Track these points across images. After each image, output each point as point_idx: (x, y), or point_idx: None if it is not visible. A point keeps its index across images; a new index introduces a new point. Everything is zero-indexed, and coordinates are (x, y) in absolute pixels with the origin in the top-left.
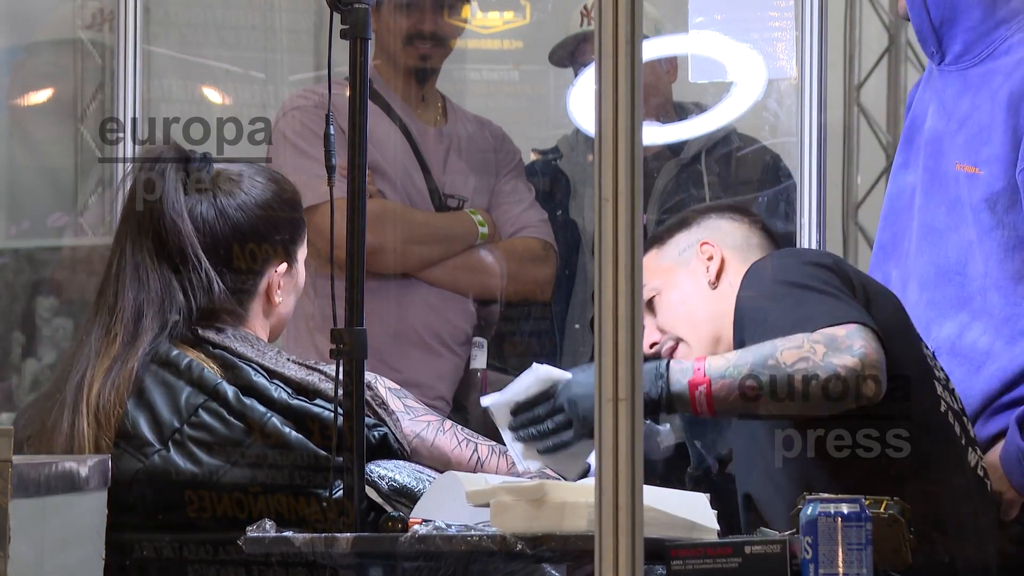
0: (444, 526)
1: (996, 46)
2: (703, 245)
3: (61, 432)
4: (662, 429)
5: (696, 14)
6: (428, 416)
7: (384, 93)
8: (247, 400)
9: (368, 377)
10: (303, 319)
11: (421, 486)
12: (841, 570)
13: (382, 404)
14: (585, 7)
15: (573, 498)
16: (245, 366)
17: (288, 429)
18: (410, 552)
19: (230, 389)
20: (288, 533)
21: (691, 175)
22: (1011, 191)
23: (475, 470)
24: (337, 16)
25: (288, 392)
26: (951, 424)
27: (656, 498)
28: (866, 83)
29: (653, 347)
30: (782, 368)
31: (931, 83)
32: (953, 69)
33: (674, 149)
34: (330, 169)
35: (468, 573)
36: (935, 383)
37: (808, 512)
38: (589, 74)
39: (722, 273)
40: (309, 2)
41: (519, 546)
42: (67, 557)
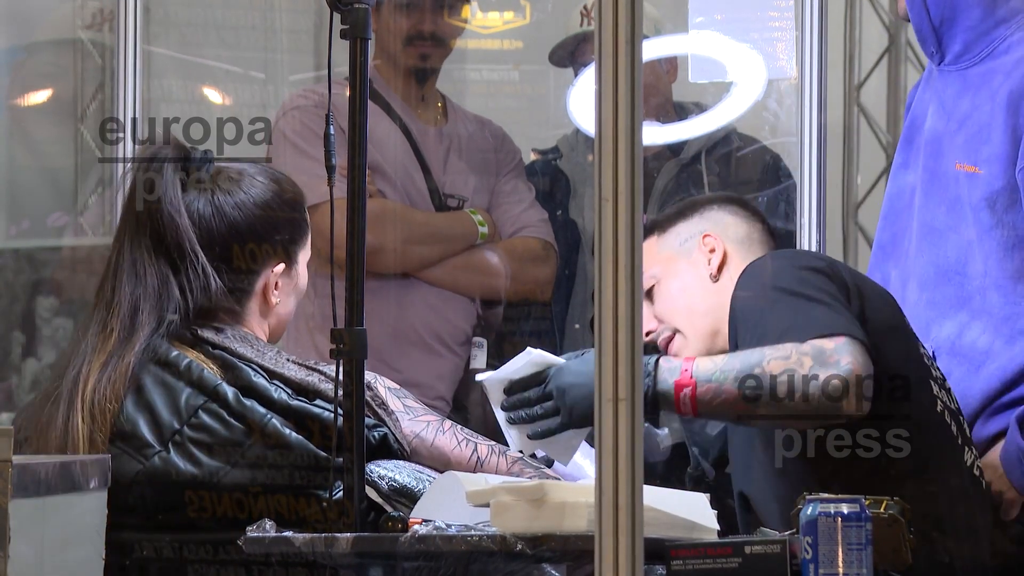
0: (444, 526)
1: (996, 45)
2: (705, 237)
3: (56, 428)
4: (661, 433)
5: (696, 14)
6: (428, 416)
7: (384, 93)
8: (247, 401)
9: (368, 377)
10: (303, 319)
11: (421, 486)
12: (841, 570)
13: (382, 404)
14: (585, 7)
15: (573, 498)
16: (245, 367)
17: (288, 430)
18: (410, 552)
19: (230, 390)
20: (288, 533)
21: (691, 175)
22: (1011, 190)
23: (475, 470)
24: (337, 16)
25: (288, 393)
26: (948, 424)
27: (656, 498)
28: (866, 83)
29: (648, 335)
30: (768, 378)
31: (931, 83)
32: (953, 69)
33: (674, 149)
34: (330, 169)
35: (468, 573)
36: (931, 383)
37: (808, 512)
38: (589, 74)
39: (723, 267)
40: (309, 2)
41: (519, 546)
42: (67, 557)
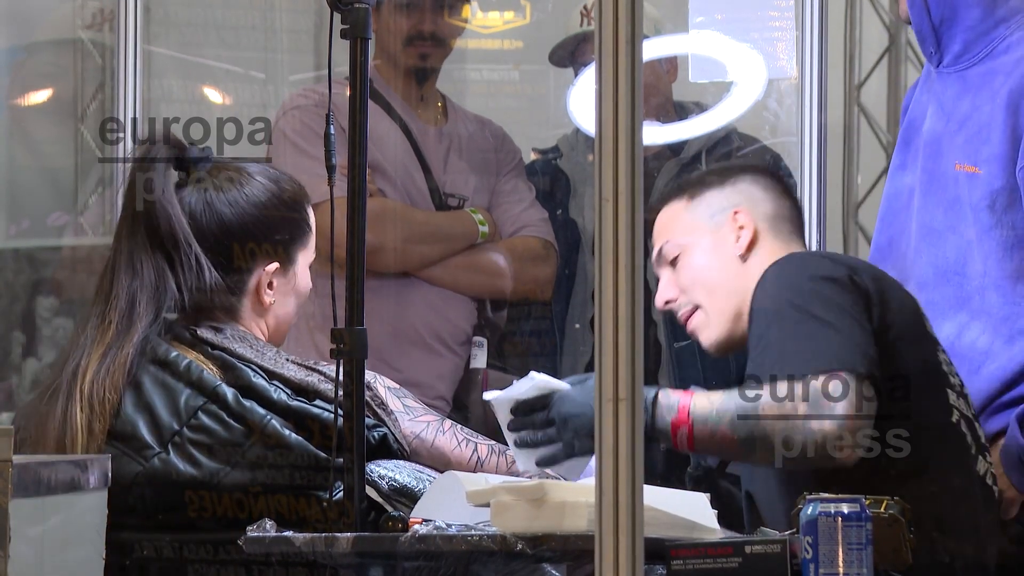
0: (444, 526)
1: (995, 45)
2: (737, 214)
3: (55, 419)
4: None
5: (696, 14)
6: (427, 416)
7: (384, 93)
8: (246, 402)
9: (367, 377)
10: (303, 319)
11: (421, 486)
12: (841, 570)
13: (381, 404)
14: (585, 7)
15: (573, 498)
16: (244, 367)
17: (288, 431)
18: (410, 552)
19: (229, 391)
20: (288, 533)
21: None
22: (1010, 189)
23: (475, 470)
24: (337, 16)
25: (288, 393)
26: (963, 433)
27: (656, 498)
28: (866, 83)
29: (668, 304)
30: (762, 425)
31: (929, 86)
32: (951, 71)
33: (674, 149)
34: (330, 168)
35: (468, 573)
36: (948, 391)
37: (808, 512)
38: (589, 74)
39: (752, 247)
40: (309, 2)
41: (519, 546)
42: (67, 557)
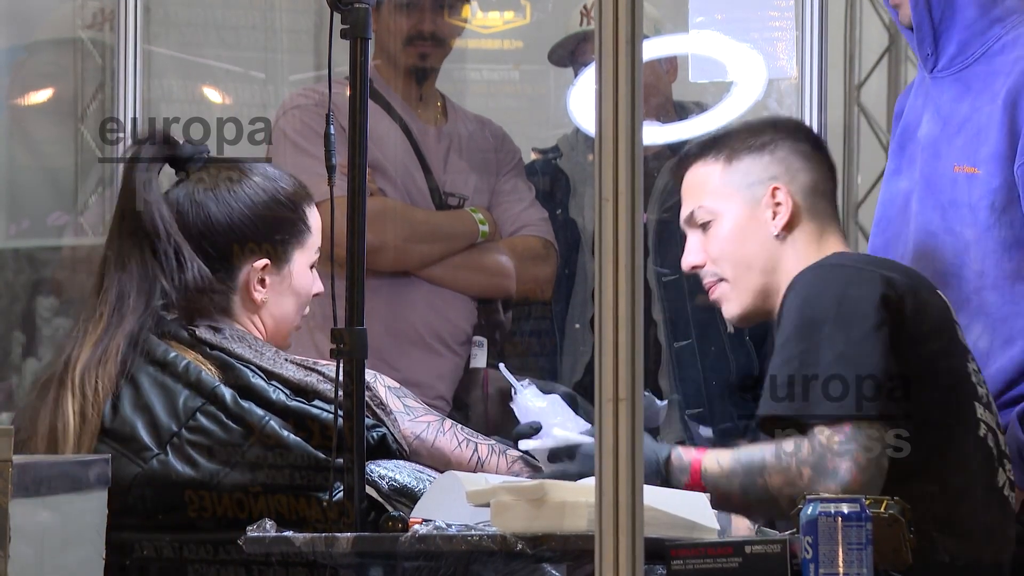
0: (444, 526)
1: (990, 45)
2: (775, 190)
3: (47, 408)
4: (660, 404)
5: (696, 14)
6: (428, 416)
7: (384, 92)
8: (245, 403)
9: (368, 377)
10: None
11: (421, 486)
12: (841, 570)
13: (380, 404)
14: (585, 7)
15: (573, 498)
16: (243, 367)
17: (286, 432)
18: (410, 552)
19: (228, 392)
20: (288, 533)
21: None
22: (1008, 188)
23: (475, 470)
24: (337, 16)
25: (287, 394)
26: (990, 448)
27: (656, 498)
28: (866, 83)
29: (694, 268)
30: (769, 491)
31: (923, 91)
32: (947, 73)
33: (674, 149)
34: (330, 169)
35: (468, 573)
36: (976, 404)
37: (808, 512)
38: (589, 74)
39: (789, 227)
40: (309, 2)
41: (519, 546)
42: (67, 557)
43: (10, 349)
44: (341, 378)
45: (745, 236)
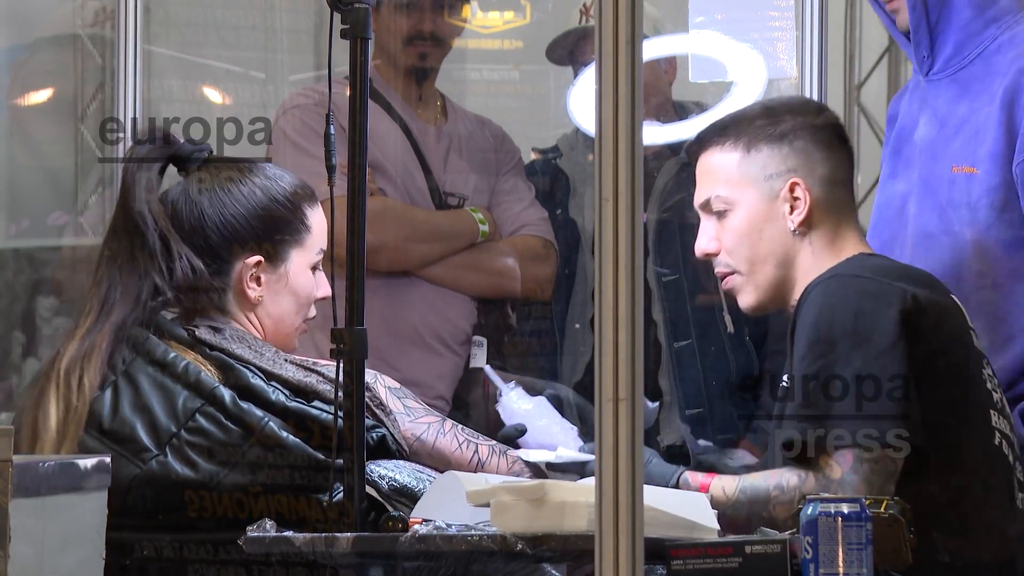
0: (444, 526)
1: (986, 45)
2: (794, 185)
3: (33, 399)
4: (650, 405)
5: (696, 14)
6: (428, 417)
7: (384, 92)
8: (244, 404)
9: (368, 377)
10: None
11: (421, 486)
12: (841, 570)
13: (380, 405)
14: (584, 5)
15: (573, 498)
16: (242, 368)
17: (285, 433)
18: (410, 552)
19: (227, 393)
20: (288, 533)
21: (691, 174)
22: (1007, 187)
23: (476, 471)
24: (337, 16)
25: (286, 394)
26: (1005, 455)
27: (656, 498)
28: (866, 83)
29: (707, 255)
30: (774, 520)
31: (918, 94)
32: (943, 75)
33: (674, 148)
34: (330, 169)
35: (468, 573)
36: (991, 412)
37: (808, 512)
38: (589, 74)
39: (806, 221)
40: (309, 2)
41: (519, 546)
42: (67, 557)
43: (10, 349)
44: (341, 378)
45: (761, 230)
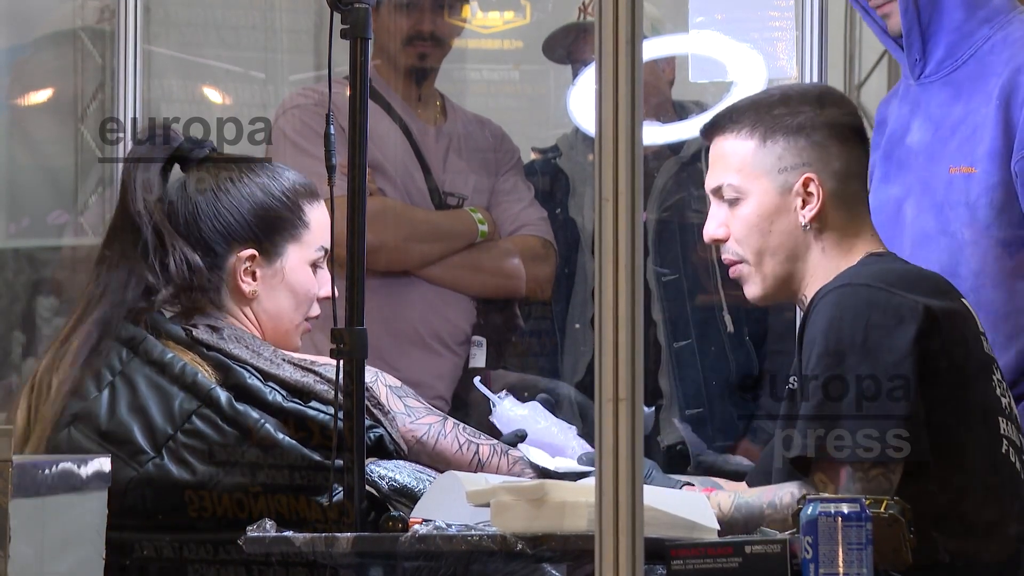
0: (444, 526)
1: (979, 46)
2: (808, 181)
3: (13, 401)
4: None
5: (696, 14)
6: (430, 417)
7: (384, 92)
8: (240, 406)
9: (369, 376)
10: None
11: (421, 486)
12: (841, 570)
13: (378, 404)
14: (583, 4)
15: (573, 498)
16: (239, 369)
17: (281, 435)
18: (410, 552)
19: (223, 395)
20: (288, 533)
21: (691, 174)
22: (1006, 186)
23: (476, 471)
24: (337, 16)
25: (283, 395)
26: (1012, 463)
27: (656, 498)
28: (866, 83)
29: (715, 241)
30: (769, 531)
31: (909, 98)
32: (935, 79)
33: (674, 149)
34: (330, 169)
35: (468, 573)
36: (1000, 420)
37: (808, 512)
38: (589, 73)
39: (819, 216)
40: (309, 2)
41: (519, 546)
42: (67, 557)
43: (10, 349)
44: (341, 378)
45: (772, 222)
